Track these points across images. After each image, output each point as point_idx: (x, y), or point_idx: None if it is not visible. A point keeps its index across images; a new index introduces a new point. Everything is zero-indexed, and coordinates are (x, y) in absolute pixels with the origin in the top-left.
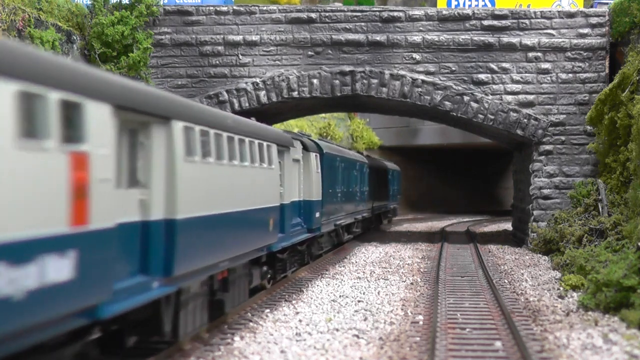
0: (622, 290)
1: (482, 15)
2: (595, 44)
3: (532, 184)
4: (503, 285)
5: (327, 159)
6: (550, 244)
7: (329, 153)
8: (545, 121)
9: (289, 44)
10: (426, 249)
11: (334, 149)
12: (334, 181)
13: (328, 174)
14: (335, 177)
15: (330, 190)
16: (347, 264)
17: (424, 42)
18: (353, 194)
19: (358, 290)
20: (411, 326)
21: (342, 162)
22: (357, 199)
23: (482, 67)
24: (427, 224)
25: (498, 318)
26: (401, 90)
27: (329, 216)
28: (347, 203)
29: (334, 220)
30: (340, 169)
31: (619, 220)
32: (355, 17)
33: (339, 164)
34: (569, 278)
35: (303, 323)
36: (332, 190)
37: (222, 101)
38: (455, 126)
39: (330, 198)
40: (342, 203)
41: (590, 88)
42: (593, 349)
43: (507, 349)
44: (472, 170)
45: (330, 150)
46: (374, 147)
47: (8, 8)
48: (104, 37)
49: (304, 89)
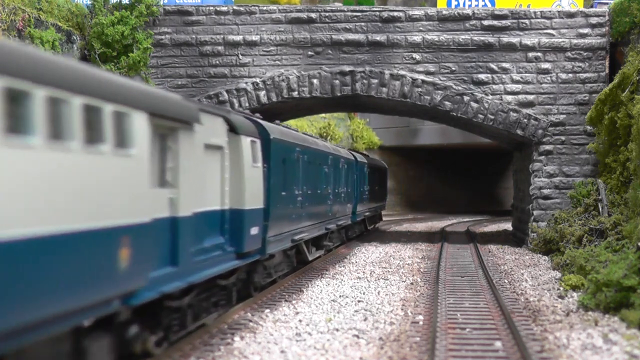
0: (622, 290)
1: (482, 15)
2: (595, 44)
3: (532, 184)
4: (503, 285)
5: (278, 148)
6: (550, 244)
7: (281, 140)
8: (545, 121)
9: (289, 44)
10: (426, 249)
11: (290, 135)
12: (291, 180)
13: (280, 169)
14: (293, 175)
15: (284, 192)
16: (347, 264)
17: (424, 42)
18: (324, 197)
19: (358, 290)
20: (411, 326)
21: (304, 154)
22: (331, 203)
23: (482, 67)
24: (427, 224)
25: (498, 318)
26: (401, 90)
27: (281, 230)
28: (313, 209)
29: (291, 234)
30: (302, 163)
31: (619, 220)
32: (355, 17)
33: (300, 156)
34: (569, 278)
35: (303, 323)
36: (288, 192)
37: (222, 101)
38: (455, 126)
39: (283, 204)
40: (305, 210)
41: (590, 88)
42: (593, 349)
43: (507, 349)
44: (472, 170)
45: (284, 136)
46: (374, 147)
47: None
48: (104, 37)
49: (304, 89)
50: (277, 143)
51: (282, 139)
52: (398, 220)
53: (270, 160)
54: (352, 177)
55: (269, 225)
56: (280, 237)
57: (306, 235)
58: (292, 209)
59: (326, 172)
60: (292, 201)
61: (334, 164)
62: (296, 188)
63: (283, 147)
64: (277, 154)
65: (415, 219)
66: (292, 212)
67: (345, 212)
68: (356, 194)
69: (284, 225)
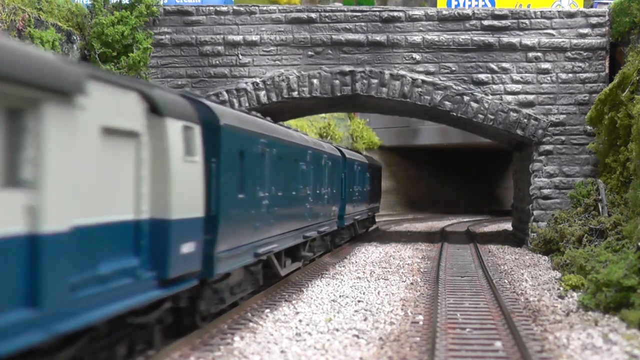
0: (622, 290)
1: (482, 15)
2: (595, 44)
3: (532, 184)
4: (503, 285)
5: (233, 138)
6: (550, 244)
7: (237, 128)
8: (545, 121)
9: (289, 44)
10: (426, 249)
11: (253, 123)
12: (253, 179)
13: (236, 166)
14: (257, 173)
15: (242, 195)
16: (347, 264)
17: (424, 42)
18: (300, 200)
19: (358, 290)
20: (411, 326)
21: (273, 148)
22: (310, 206)
23: (482, 67)
24: (427, 224)
25: (498, 318)
26: (401, 90)
27: (239, 242)
28: (286, 215)
29: (253, 246)
30: (270, 158)
31: (619, 220)
32: (355, 17)
33: (266, 149)
34: (569, 278)
35: (303, 323)
36: (249, 195)
37: (223, 101)
38: (455, 126)
39: (241, 210)
40: (274, 216)
41: (590, 88)
42: (593, 349)
43: (507, 349)
44: (472, 170)
45: (242, 123)
46: (374, 147)
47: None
48: (104, 37)
49: (304, 89)
50: (230, 131)
51: (238, 126)
52: (398, 220)
53: (220, 154)
54: (339, 175)
55: (218, 237)
56: (237, 251)
57: (276, 247)
58: (255, 216)
59: (304, 170)
60: (255, 206)
61: (315, 161)
62: (261, 189)
63: (241, 137)
64: (231, 146)
65: (415, 219)
66: (255, 219)
67: (330, 217)
68: (344, 195)
69: (243, 236)
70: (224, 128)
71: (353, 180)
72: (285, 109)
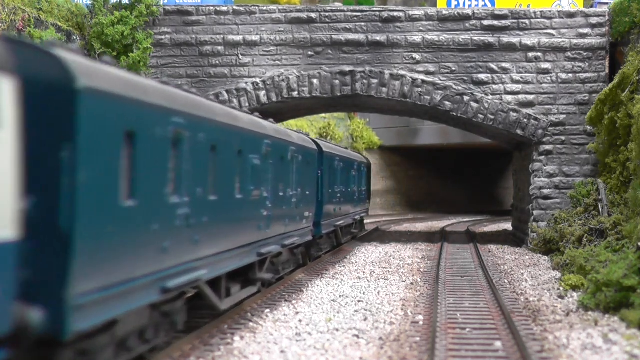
0: (622, 290)
1: (482, 15)
2: (595, 44)
3: (532, 184)
4: (503, 285)
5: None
6: (550, 244)
7: (118, 97)
8: (545, 121)
9: (289, 44)
10: (426, 249)
11: (156, 93)
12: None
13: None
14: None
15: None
16: (347, 264)
17: (424, 42)
18: (250, 205)
19: (358, 290)
20: (411, 326)
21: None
22: (268, 213)
23: (482, 67)
24: (427, 224)
25: (498, 318)
26: (401, 90)
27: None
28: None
29: (157, 279)
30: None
31: (619, 220)
32: (355, 17)
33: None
34: (569, 278)
35: (303, 323)
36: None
37: (223, 101)
38: (455, 126)
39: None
40: (199, 231)
41: (590, 88)
42: (593, 349)
43: (507, 349)
44: (472, 170)
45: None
46: (374, 147)
47: (8, 8)
48: (104, 37)
49: (304, 89)
50: (104, 99)
51: (123, 94)
52: (398, 220)
53: (76, 134)
54: (314, 173)
55: (73, 270)
56: (122, 288)
57: (205, 274)
58: (161, 232)
59: (256, 166)
60: (160, 217)
61: (276, 154)
62: (174, 192)
63: (126, 110)
64: (103, 124)
65: (415, 219)
66: (161, 236)
67: (301, 225)
68: (321, 198)
69: (136, 264)
70: (88, 93)
71: (334, 179)
72: (285, 109)
